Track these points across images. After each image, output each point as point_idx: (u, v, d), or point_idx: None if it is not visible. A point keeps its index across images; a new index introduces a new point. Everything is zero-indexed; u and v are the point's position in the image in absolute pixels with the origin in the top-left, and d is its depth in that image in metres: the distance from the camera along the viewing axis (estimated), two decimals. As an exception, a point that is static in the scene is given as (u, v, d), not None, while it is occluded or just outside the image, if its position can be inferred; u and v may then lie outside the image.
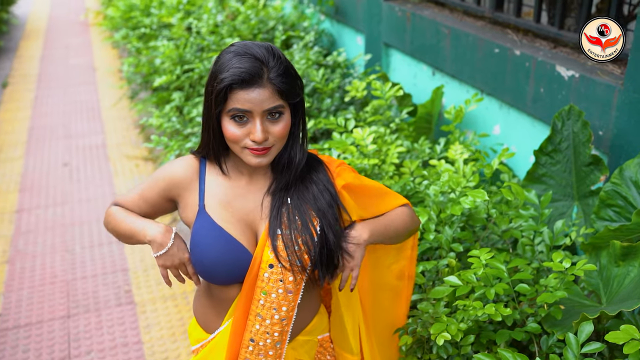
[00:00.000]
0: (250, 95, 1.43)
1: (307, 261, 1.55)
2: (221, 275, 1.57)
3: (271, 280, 1.55)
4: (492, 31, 3.22)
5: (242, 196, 1.60)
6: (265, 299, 1.57)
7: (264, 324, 1.59)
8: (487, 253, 1.77)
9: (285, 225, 1.55)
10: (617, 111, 2.39)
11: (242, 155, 1.51)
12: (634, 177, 2.17)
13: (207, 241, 1.53)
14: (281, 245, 1.54)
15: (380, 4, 4.07)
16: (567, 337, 1.60)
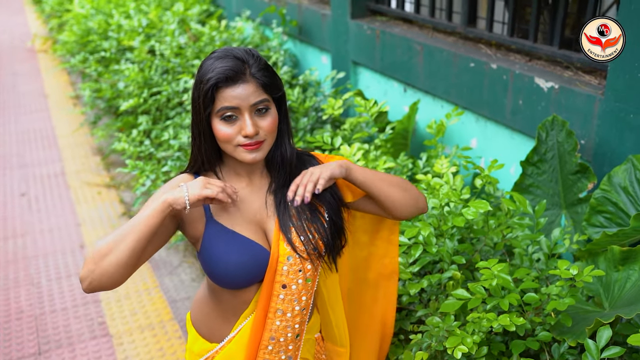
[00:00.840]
0: (236, 92, 1.47)
1: (322, 247, 1.61)
2: (242, 278, 1.56)
3: (290, 272, 1.58)
4: (465, 46, 3.26)
5: (245, 198, 1.62)
6: (286, 292, 1.58)
7: (284, 319, 1.60)
8: (497, 264, 1.76)
9: (295, 217, 1.59)
10: (598, 120, 2.45)
11: (237, 154, 1.52)
12: (623, 183, 2.22)
13: (223, 246, 1.54)
14: (295, 236, 1.58)
15: (347, 23, 4.09)
16: (586, 343, 1.61)
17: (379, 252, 1.90)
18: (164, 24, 4.92)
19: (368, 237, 1.89)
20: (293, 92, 3.58)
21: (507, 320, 1.65)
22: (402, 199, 1.70)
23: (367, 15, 4.11)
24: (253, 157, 1.52)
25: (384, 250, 1.89)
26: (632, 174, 2.21)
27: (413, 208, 1.73)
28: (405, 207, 1.71)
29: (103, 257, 1.43)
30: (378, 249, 1.89)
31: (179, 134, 3.49)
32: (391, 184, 1.69)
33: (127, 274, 1.46)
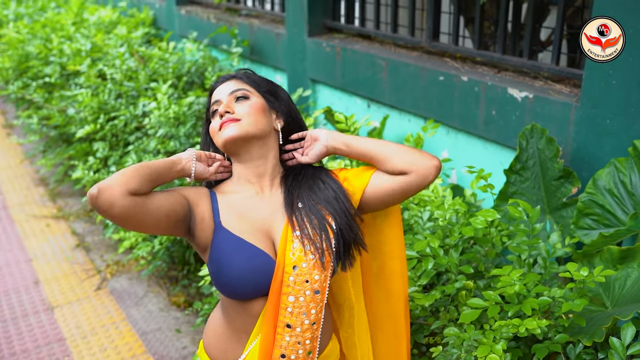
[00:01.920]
0: (221, 88, 1.71)
1: (329, 257, 1.59)
2: (248, 287, 1.55)
3: (297, 282, 1.56)
4: (431, 60, 3.33)
5: (255, 207, 1.63)
6: (293, 305, 1.56)
7: (294, 334, 1.57)
8: (513, 271, 1.79)
9: (301, 226, 1.59)
10: (575, 126, 2.54)
11: (217, 139, 1.64)
12: (608, 185, 2.30)
13: (230, 253, 1.54)
14: (301, 245, 1.57)
15: (304, 41, 4.09)
16: (611, 342, 1.65)
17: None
18: (109, 47, 4.78)
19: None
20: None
21: (534, 324, 1.68)
22: (397, 147, 1.69)
23: (324, 33, 4.13)
24: (227, 132, 1.61)
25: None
26: (615, 176, 2.30)
27: (414, 156, 1.65)
28: (403, 153, 1.66)
29: (125, 173, 1.45)
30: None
31: (143, 159, 3.39)
32: (385, 144, 1.72)
33: (131, 194, 1.41)
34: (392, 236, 1.85)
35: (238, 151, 1.65)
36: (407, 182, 1.64)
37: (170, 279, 4.01)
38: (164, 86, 3.58)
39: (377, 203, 1.70)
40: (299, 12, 4.08)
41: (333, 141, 1.72)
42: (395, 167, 1.65)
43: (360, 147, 1.70)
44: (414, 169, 1.63)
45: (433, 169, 1.63)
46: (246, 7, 5.02)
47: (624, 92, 2.34)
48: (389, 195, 1.67)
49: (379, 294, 1.89)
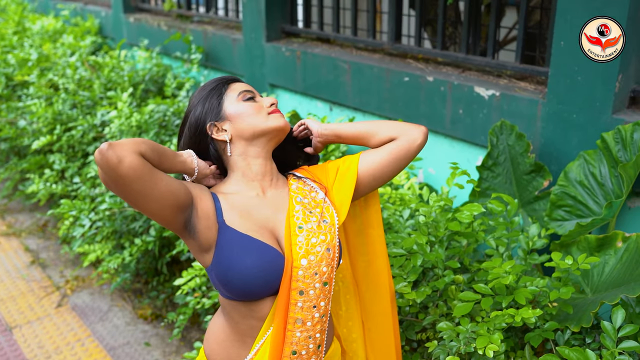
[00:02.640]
0: (239, 84, 1.72)
1: (334, 247, 1.60)
2: (259, 286, 1.53)
3: (306, 276, 1.56)
4: (395, 62, 3.37)
5: (257, 206, 1.63)
6: (304, 300, 1.56)
7: (305, 328, 1.57)
8: (505, 263, 1.83)
9: (304, 220, 1.60)
10: (542, 122, 2.63)
11: (269, 122, 1.64)
12: (578, 177, 2.39)
13: (241, 252, 1.52)
14: (306, 239, 1.57)
15: (263, 46, 4.08)
16: (602, 325, 1.71)
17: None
18: (58, 56, 4.64)
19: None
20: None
21: (529, 313, 1.72)
22: (382, 121, 1.79)
23: (283, 37, 4.13)
24: (283, 121, 1.66)
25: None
26: (585, 168, 2.38)
27: (400, 124, 1.77)
28: (389, 124, 1.76)
29: (138, 142, 1.42)
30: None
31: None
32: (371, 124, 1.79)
33: (140, 155, 1.39)
34: (375, 235, 1.88)
35: (266, 143, 1.66)
36: (396, 147, 1.72)
37: (134, 292, 3.91)
38: (125, 94, 3.50)
39: (372, 180, 1.74)
40: (256, 17, 4.07)
41: (324, 137, 1.81)
42: (383, 137, 1.73)
43: (349, 133, 1.79)
44: (402, 133, 1.73)
45: (420, 132, 1.73)
46: (198, 14, 4.97)
47: (589, 87, 2.43)
48: (383, 167, 1.73)
49: (368, 289, 1.89)
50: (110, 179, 1.35)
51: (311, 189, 1.71)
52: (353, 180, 1.70)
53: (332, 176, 1.75)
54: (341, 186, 1.71)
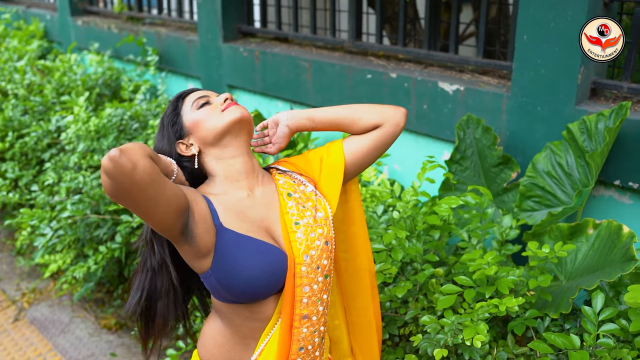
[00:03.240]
0: (196, 92, 1.67)
1: (331, 239, 1.60)
2: (263, 287, 1.51)
3: (310, 271, 1.55)
4: (356, 60, 3.38)
5: (250, 206, 1.59)
6: (309, 295, 1.55)
7: (311, 323, 1.56)
8: (488, 254, 1.85)
9: (299, 215, 1.58)
10: (507, 115, 2.67)
11: (223, 119, 1.56)
12: (546, 168, 2.44)
13: (243, 254, 1.48)
14: (305, 234, 1.56)
15: (220, 47, 4.03)
16: (583, 310, 1.75)
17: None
18: (3, 62, 4.47)
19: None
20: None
21: (513, 302, 1.74)
22: (361, 106, 1.73)
23: (239, 37, 4.08)
24: (237, 111, 1.58)
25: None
26: (552, 159, 2.43)
27: (381, 109, 1.73)
28: (370, 110, 1.72)
29: (142, 147, 1.37)
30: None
31: (63, 177, 3.19)
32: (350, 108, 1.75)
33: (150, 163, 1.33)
34: (357, 232, 1.84)
35: (233, 140, 1.59)
36: (382, 134, 1.69)
37: (96, 301, 3.80)
38: (81, 98, 3.39)
39: (356, 167, 1.72)
40: (212, 18, 4.01)
41: (295, 119, 1.71)
42: (367, 125, 1.69)
43: (324, 117, 1.71)
44: (386, 119, 1.69)
45: (402, 115, 1.71)
46: (150, 16, 4.87)
47: (552, 80, 2.48)
48: (368, 154, 1.71)
49: (350, 283, 1.86)
50: (123, 186, 1.26)
51: (299, 182, 1.67)
52: (341, 170, 1.67)
53: (317, 167, 1.71)
54: (329, 177, 1.68)
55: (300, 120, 1.71)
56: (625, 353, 1.70)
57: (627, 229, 1.98)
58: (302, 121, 1.71)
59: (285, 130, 1.71)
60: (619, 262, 1.91)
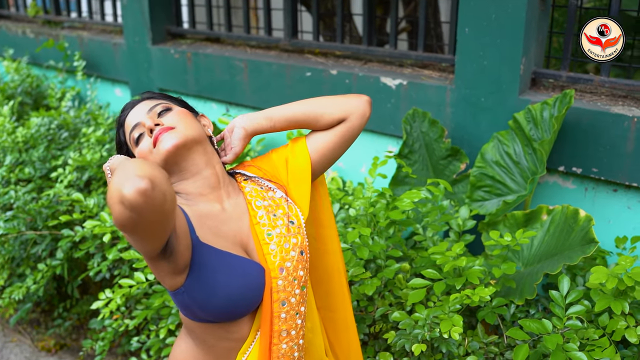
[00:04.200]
0: (134, 113, 1.52)
1: (306, 249, 1.53)
2: (243, 305, 1.43)
3: (286, 285, 1.47)
4: (293, 58, 3.34)
5: (223, 221, 1.50)
6: (287, 310, 1.47)
7: (290, 338, 1.50)
8: (456, 245, 1.86)
9: (270, 225, 1.50)
10: (451, 107, 2.71)
11: (155, 156, 1.45)
12: (494, 158, 2.48)
13: (223, 272, 1.39)
14: (278, 245, 1.48)
15: (149, 49, 3.89)
16: (551, 294, 1.79)
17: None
18: None
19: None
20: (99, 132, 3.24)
21: (485, 292, 1.76)
22: (321, 100, 1.63)
23: (169, 39, 3.96)
24: (165, 142, 1.43)
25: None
26: (500, 148, 2.48)
27: (344, 101, 1.63)
28: (332, 104, 1.62)
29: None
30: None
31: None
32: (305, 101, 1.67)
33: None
34: (326, 214, 1.77)
35: (182, 163, 1.48)
36: (348, 128, 1.61)
37: (31, 323, 3.59)
38: (5, 108, 3.18)
39: (323, 165, 1.64)
40: (139, 20, 3.87)
41: (251, 120, 1.61)
42: (331, 120, 1.60)
43: (283, 115, 1.62)
44: (351, 111, 1.60)
45: (367, 104, 1.63)
46: (69, 19, 4.64)
47: (495, 71, 2.53)
48: (334, 150, 1.63)
49: (317, 270, 1.77)
50: (149, 219, 1.10)
51: (267, 188, 1.58)
52: (308, 172, 1.59)
53: (283, 170, 1.62)
54: (297, 181, 1.60)
55: (256, 121, 1.60)
56: (592, 332, 1.75)
57: (584, 212, 2.04)
58: (260, 121, 1.60)
59: (240, 132, 1.59)
60: (578, 245, 1.97)
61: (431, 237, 2.30)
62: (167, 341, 2.37)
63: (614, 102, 2.41)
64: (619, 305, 1.73)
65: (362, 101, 1.63)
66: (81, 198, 2.57)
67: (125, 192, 1.03)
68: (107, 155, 2.97)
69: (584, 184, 2.47)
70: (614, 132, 2.31)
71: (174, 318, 2.30)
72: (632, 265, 1.75)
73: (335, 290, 1.79)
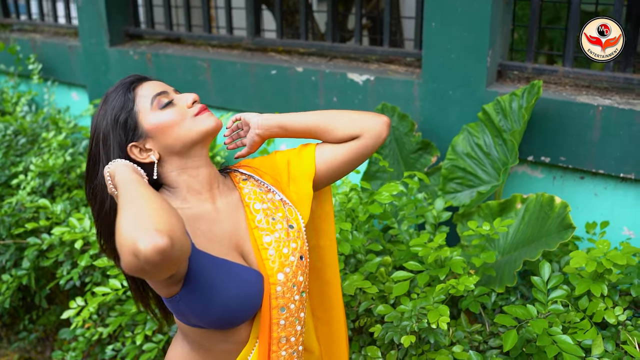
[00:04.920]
0: (153, 84, 1.46)
1: (306, 253, 1.48)
2: (241, 312, 1.38)
3: (285, 291, 1.42)
4: (257, 56, 3.32)
5: (216, 222, 1.44)
6: (286, 317, 1.43)
7: (289, 345, 1.45)
8: (438, 236, 1.88)
9: (269, 229, 1.45)
10: (420, 101, 2.73)
11: (195, 126, 1.39)
12: (465, 150, 2.52)
13: (221, 279, 1.34)
14: (277, 250, 1.43)
15: (106, 51, 3.80)
16: (533, 280, 1.82)
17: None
18: None
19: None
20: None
21: (470, 281, 1.78)
22: (337, 113, 1.58)
23: (127, 40, 3.88)
24: (211, 120, 1.41)
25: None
26: (470, 140, 2.52)
27: (360, 117, 1.56)
28: (347, 119, 1.56)
29: None
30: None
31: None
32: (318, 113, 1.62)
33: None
34: (328, 227, 1.73)
35: (200, 150, 1.43)
36: (360, 146, 1.54)
37: (-9, 336, 3.46)
38: (-41, 115, 3.07)
39: (329, 178, 1.59)
40: (95, 22, 3.78)
41: (266, 127, 1.56)
42: (343, 135, 1.54)
43: (296, 124, 1.56)
44: (366, 130, 1.53)
45: (385, 125, 1.55)
46: (19, 22, 4.50)
47: (462, 64, 2.57)
48: (342, 166, 1.57)
49: (316, 283, 1.75)
50: (163, 270, 1.07)
51: (267, 190, 1.54)
52: (310, 178, 1.54)
53: (285, 171, 1.58)
54: (298, 184, 1.55)
55: (270, 130, 1.57)
56: (573, 315, 1.79)
57: (559, 199, 2.08)
58: (273, 130, 1.57)
59: (256, 139, 1.58)
60: (555, 231, 2.01)
61: (406, 230, 2.32)
62: (145, 347, 2.31)
63: (578, 92, 2.47)
64: (598, 288, 1.77)
65: (380, 122, 1.56)
66: (47, 204, 2.49)
67: (142, 248, 0.99)
68: (70, 160, 2.89)
69: (552, 173, 2.52)
70: (580, 121, 2.37)
71: (152, 324, 2.25)
72: (608, 248, 1.80)
73: (331, 301, 1.75)
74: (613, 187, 2.41)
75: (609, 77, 2.41)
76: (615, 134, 2.31)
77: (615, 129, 2.31)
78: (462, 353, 1.79)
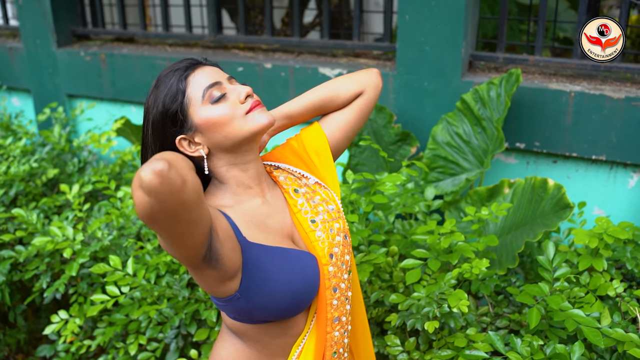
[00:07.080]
0: (207, 72, 1.37)
1: (348, 232, 1.51)
2: (305, 298, 1.38)
3: (336, 271, 1.44)
4: (220, 53, 3.27)
5: (268, 215, 1.44)
6: (338, 296, 1.44)
7: (341, 324, 1.47)
8: (448, 222, 1.92)
9: (312, 212, 1.46)
10: (394, 93, 2.78)
11: (249, 123, 1.33)
12: (445, 139, 2.58)
13: (277, 268, 1.34)
14: (324, 231, 1.44)
15: (54, 53, 3.64)
16: (539, 259, 1.89)
17: None
18: None
19: None
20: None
21: (483, 264, 1.83)
22: (335, 81, 1.62)
23: (75, 41, 3.72)
24: (265, 117, 1.35)
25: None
26: (449, 130, 2.59)
27: (356, 77, 1.63)
28: (346, 82, 1.62)
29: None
30: None
31: None
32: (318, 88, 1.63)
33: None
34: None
35: (254, 145, 1.39)
36: (365, 100, 1.62)
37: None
38: None
39: (344, 142, 1.63)
40: (40, 22, 3.61)
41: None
42: (350, 96, 1.60)
43: (301, 107, 1.58)
44: (366, 84, 1.62)
45: (378, 75, 1.66)
46: (-52, 24, 4.23)
47: (438, 56, 2.63)
48: (354, 124, 1.62)
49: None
50: (168, 207, 1.03)
51: (300, 176, 1.54)
52: (329, 153, 1.57)
53: (305, 155, 1.57)
54: (324, 163, 1.57)
55: (277, 124, 1.55)
56: (577, 291, 1.88)
57: (552, 181, 2.18)
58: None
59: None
60: (551, 212, 2.10)
61: (399, 220, 2.36)
62: (139, 357, 2.24)
63: (547, 80, 2.59)
64: (600, 264, 1.87)
65: (374, 74, 1.65)
66: (22, 213, 2.36)
67: (143, 175, 0.99)
68: (37, 167, 2.74)
69: (526, 158, 2.63)
70: (554, 107, 2.48)
71: (152, 331, 2.17)
72: (607, 225, 1.90)
73: (355, 301, 1.77)
74: (584, 169, 2.54)
75: (577, 65, 2.54)
76: (587, 118, 2.43)
77: (587, 114, 2.43)
78: (478, 335, 1.84)
